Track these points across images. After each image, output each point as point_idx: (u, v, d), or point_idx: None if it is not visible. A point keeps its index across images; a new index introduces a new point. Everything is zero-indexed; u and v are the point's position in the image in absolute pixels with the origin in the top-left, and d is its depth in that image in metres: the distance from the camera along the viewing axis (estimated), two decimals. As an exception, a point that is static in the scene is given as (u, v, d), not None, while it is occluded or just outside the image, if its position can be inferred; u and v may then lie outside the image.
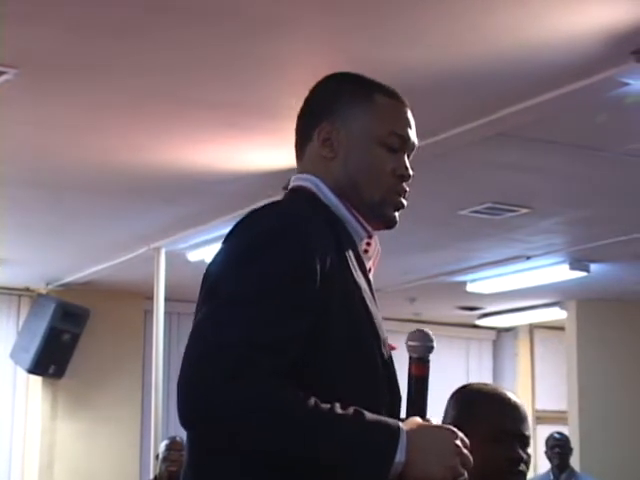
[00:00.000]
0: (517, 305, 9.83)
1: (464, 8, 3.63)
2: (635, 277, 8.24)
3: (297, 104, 2.06)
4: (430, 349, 1.90)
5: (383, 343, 1.87)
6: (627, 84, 4.16)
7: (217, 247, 1.87)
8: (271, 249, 1.74)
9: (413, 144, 1.99)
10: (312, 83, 2.06)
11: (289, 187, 2.00)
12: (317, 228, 1.80)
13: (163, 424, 7.36)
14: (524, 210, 6.32)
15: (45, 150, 5.31)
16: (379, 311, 1.90)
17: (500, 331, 11.02)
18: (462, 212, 6.35)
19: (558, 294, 9.18)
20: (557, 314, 9.56)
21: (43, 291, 8.89)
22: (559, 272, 7.90)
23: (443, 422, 2.32)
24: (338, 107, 1.96)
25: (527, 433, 2.39)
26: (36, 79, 4.35)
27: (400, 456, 1.67)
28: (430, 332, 1.91)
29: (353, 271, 1.84)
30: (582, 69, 4.08)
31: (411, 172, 1.96)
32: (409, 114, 2.00)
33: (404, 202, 1.95)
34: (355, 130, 1.93)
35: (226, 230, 1.87)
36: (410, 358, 1.90)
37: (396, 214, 1.95)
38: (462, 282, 8.45)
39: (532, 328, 10.78)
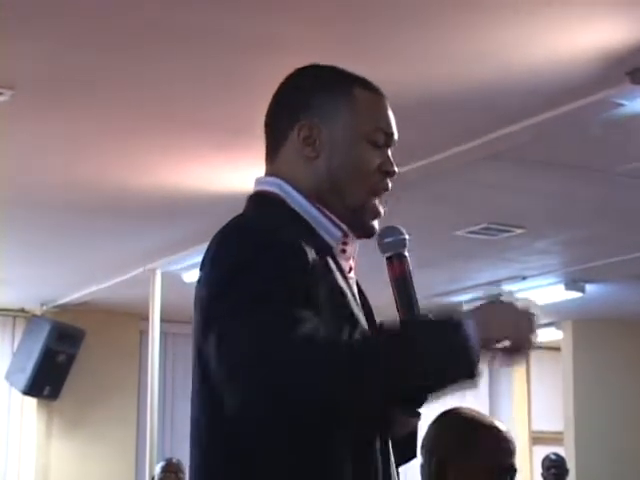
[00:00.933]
0: (513, 325, 9.80)
1: (459, 29, 3.64)
2: (631, 297, 8.24)
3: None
4: (403, 241, 1.83)
5: None
6: (622, 105, 4.17)
7: None
8: (264, 256, 1.66)
9: (394, 140, 1.90)
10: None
11: (252, 192, 1.90)
12: (296, 234, 1.72)
13: (159, 445, 7.34)
14: (520, 230, 6.33)
15: (40, 171, 5.31)
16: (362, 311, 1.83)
17: (496, 351, 11.00)
18: (458, 232, 6.35)
19: (554, 314, 9.16)
20: (553, 334, 9.54)
21: (38, 312, 8.86)
22: (555, 292, 7.90)
23: (433, 448, 2.33)
24: (315, 102, 1.84)
25: (516, 466, 2.39)
26: (31, 101, 4.35)
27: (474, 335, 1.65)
28: (399, 226, 1.85)
29: (334, 274, 1.76)
30: (577, 90, 4.09)
31: (396, 169, 1.87)
32: (389, 107, 1.91)
33: (382, 211, 1.86)
34: (338, 126, 1.82)
35: None
36: (386, 259, 1.83)
37: (375, 223, 1.85)
38: (458, 302, 8.44)
39: (528, 348, 10.75)
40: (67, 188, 5.59)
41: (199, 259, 1.85)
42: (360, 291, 1.90)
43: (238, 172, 5.26)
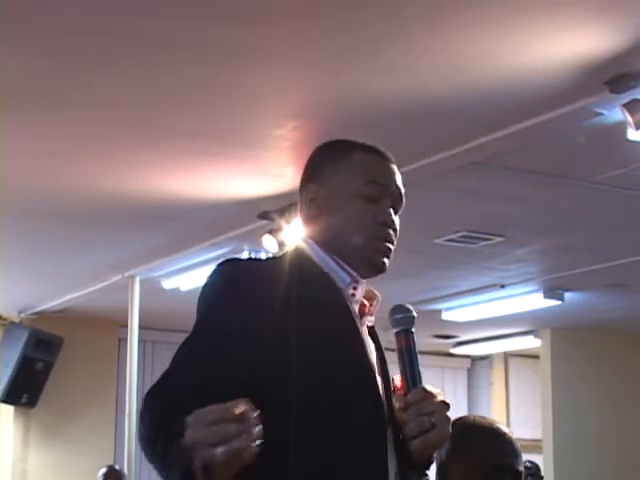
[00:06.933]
0: (492, 333, 9.85)
1: (442, 39, 3.65)
2: (609, 305, 8.27)
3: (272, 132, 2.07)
4: (412, 319, 1.99)
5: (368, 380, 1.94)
6: (601, 114, 4.19)
7: (191, 275, 1.95)
8: (216, 307, 1.94)
9: (396, 193, 2.09)
10: (286, 111, 2.10)
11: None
12: (263, 282, 1.92)
13: (136, 454, 7.30)
14: (499, 239, 6.34)
15: (19, 179, 5.28)
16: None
17: (475, 359, 11.03)
18: (437, 240, 6.36)
19: (533, 322, 9.21)
20: (532, 342, 9.58)
21: (16, 319, 8.82)
22: (534, 300, 7.92)
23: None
24: (322, 169, 2.09)
25: (520, 469, 2.41)
26: (12, 110, 4.34)
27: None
28: (409, 305, 2.01)
29: (326, 312, 1.94)
30: (556, 99, 4.11)
31: (395, 219, 2.06)
32: (391, 166, 2.10)
33: (390, 247, 2.04)
34: (335, 186, 2.05)
35: (201, 258, 1.95)
36: (395, 333, 1.98)
37: (384, 259, 2.04)
38: (437, 310, 8.46)
39: (507, 356, 10.79)
40: (46, 196, 5.56)
41: (178, 266, 1.94)
42: (374, 334, 2.05)
43: (218, 180, 5.25)
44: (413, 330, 1.99)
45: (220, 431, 1.54)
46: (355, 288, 2.02)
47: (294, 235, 5.51)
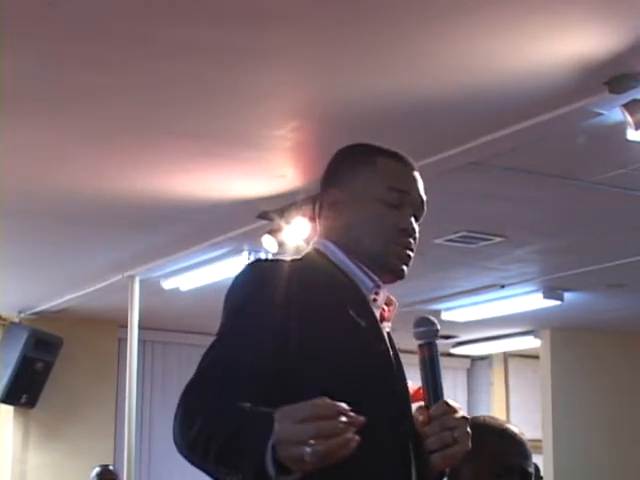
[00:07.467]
0: (491, 334, 9.84)
1: (442, 40, 3.64)
2: (609, 306, 8.27)
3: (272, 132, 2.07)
4: (435, 332, 1.99)
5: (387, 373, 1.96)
6: (600, 114, 4.19)
7: (191, 275, 1.95)
8: (244, 305, 1.90)
9: (418, 201, 2.08)
10: (286, 112, 2.10)
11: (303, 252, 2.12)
12: (288, 282, 1.90)
13: (136, 455, 7.31)
14: (498, 239, 6.34)
15: (18, 179, 5.28)
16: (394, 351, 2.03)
17: (474, 359, 11.03)
18: (437, 240, 6.36)
19: (532, 323, 9.20)
20: (531, 342, 9.57)
21: (15, 319, 8.81)
22: (533, 301, 7.92)
23: None
24: (343, 173, 2.09)
25: (530, 470, 2.42)
26: (11, 110, 4.33)
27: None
28: (432, 317, 2.00)
29: (352, 317, 1.93)
30: (556, 99, 4.11)
31: (416, 227, 2.06)
32: (414, 173, 2.10)
33: (410, 254, 2.04)
34: (357, 191, 2.05)
35: (200, 258, 1.95)
36: (418, 346, 1.99)
37: (404, 266, 2.04)
38: (436, 310, 8.45)
39: (506, 357, 10.79)
40: (46, 196, 5.56)
41: (178, 266, 1.93)
42: (391, 341, 2.06)
43: (217, 180, 5.25)
44: (436, 343, 2.00)
45: (317, 428, 1.53)
46: (377, 293, 2.03)
47: (294, 235, 5.51)
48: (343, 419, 1.56)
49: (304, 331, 1.84)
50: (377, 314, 2.02)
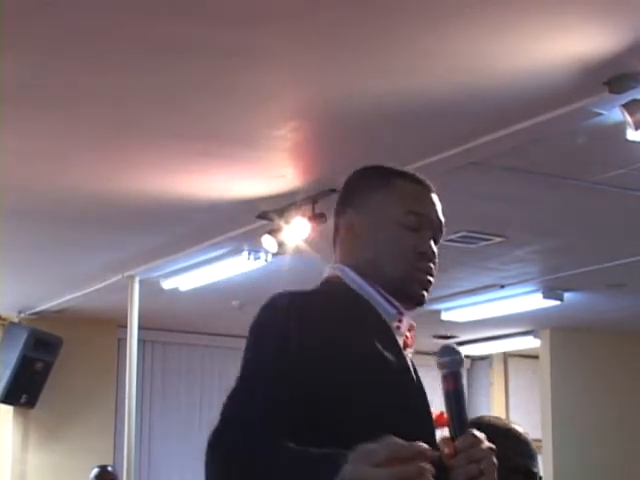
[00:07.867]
0: (491, 334, 9.85)
1: (441, 40, 3.65)
2: (609, 306, 8.27)
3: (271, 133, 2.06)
4: (459, 362, 1.91)
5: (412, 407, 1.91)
6: (600, 114, 4.19)
7: (191, 275, 1.91)
8: (262, 338, 1.84)
9: (437, 224, 2.09)
10: (285, 112, 2.08)
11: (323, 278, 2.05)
12: (310, 312, 1.85)
13: (136, 455, 7.31)
14: (498, 239, 6.34)
15: (19, 180, 5.28)
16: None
17: (474, 360, 11.03)
18: (437, 240, 6.35)
19: (532, 323, 9.20)
20: (531, 342, 9.58)
21: (15, 319, 8.81)
22: (533, 301, 7.92)
23: None
24: (359, 195, 2.05)
25: (535, 470, 2.41)
26: (12, 110, 4.33)
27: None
28: (456, 346, 1.93)
29: (376, 345, 1.88)
30: (555, 99, 4.11)
31: (435, 251, 2.04)
32: (431, 195, 2.09)
33: (430, 279, 2.00)
34: (375, 214, 2.01)
35: (200, 258, 1.91)
36: (442, 376, 1.91)
37: (424, 292, 1.99)
38: (436, 310, 8.45)
39: (506, 357, 10.80)
40: (46, 196, 5.56)
41: (178, 266, 1.90)
42: (414, 368, 1.98)
43: (217, 180, 5.25)
44: (460, 372, 1.92)
45: (397, 473, 1.47)
46: (400, 320, 1.98)
47: (293, 235, 5.51)
48: (424, 461, 1.51)
49: (335, 373, 1.78)
50: (400, 342, 1.97)
